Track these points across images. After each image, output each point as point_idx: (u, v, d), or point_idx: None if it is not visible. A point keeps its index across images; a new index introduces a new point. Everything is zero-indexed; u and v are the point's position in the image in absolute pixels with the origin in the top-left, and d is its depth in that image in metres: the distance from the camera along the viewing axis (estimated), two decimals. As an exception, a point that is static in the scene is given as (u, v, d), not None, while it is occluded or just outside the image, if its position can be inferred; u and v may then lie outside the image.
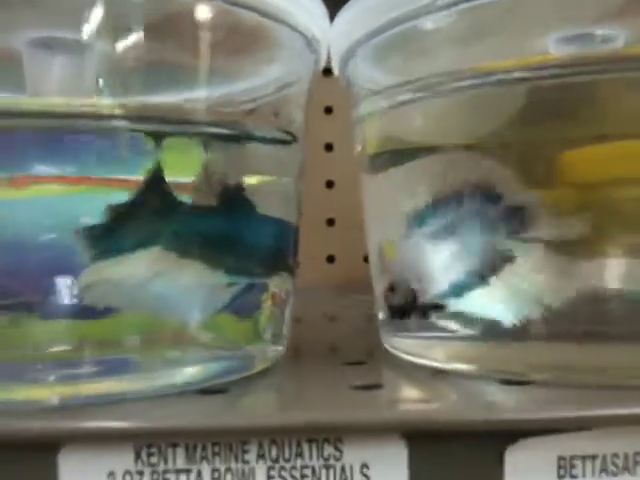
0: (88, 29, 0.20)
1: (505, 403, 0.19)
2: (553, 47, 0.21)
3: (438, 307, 0.22)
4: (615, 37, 0.21)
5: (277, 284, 0.24)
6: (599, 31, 0.21)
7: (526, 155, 0.22)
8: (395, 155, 0.25)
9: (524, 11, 0.22)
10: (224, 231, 0.21)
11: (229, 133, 0.22)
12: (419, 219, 0.23)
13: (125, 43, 0.21)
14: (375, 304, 0.28)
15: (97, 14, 0.20)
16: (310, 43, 0.24)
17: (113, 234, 0.19)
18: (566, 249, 0.21)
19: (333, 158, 0.60)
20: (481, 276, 0.21)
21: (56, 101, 0.21)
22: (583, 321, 0.21)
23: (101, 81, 0.21)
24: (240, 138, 0.23)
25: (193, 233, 0.21)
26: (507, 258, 0.21)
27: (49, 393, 0.19)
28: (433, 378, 0.22)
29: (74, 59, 0.21)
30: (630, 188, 0.20)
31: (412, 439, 0.18)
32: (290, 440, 0.18)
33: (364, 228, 0.29)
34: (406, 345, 0.25)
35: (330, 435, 0.18)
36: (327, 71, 0.57)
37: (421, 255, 0.23)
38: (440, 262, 0.22)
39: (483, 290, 0.21)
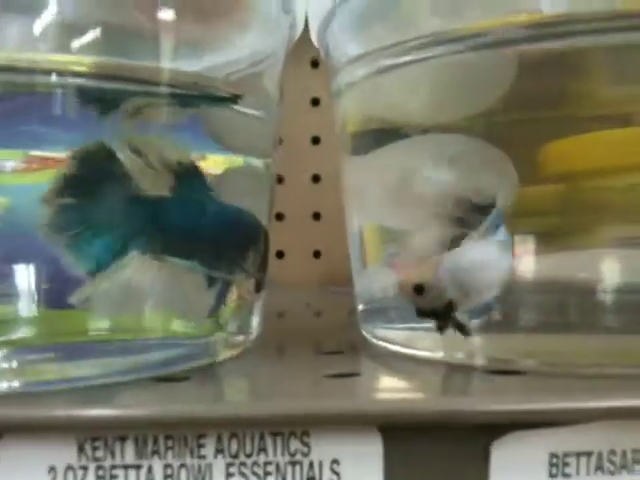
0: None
1: (491, 393, 0.17)
2: (546, 4, 0.20)
3: (468, 332, 0.20)
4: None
5: (241, 280, 0.22)
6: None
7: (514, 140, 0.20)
8: (379, 134, 0.23)
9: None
10: (174, 220, 0.20)
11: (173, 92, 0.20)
12: (494, 221, 0.20)
13: (85, 4, 0.19)
14: (355, 296, 0.26)
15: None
16: (285, 2, 0.22)
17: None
18: (554, 240, 0.19)
19: (320, 151, 0.58)
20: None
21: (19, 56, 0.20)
22: (573, 311, 0.19)
23: (59, 43, 0.19)
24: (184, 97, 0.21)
25: (143, 222, 0.19)
26: None
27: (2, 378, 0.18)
28: (414, 367, 0.20)
29: (31, 20, 0.19)
30: (617, 178, 0.19)
31: (389, 432, 0.16)
32: (252, 433, 0.16)
33: (346, 215, 0.27)
34: (388, 335, 0.23)
35: (297, 428, 0.16)
36: (314, 63, 0.56)
37: (486, 262, 0.20)
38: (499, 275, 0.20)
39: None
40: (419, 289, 0.21)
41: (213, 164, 0.22)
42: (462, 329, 0.20)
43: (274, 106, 0.24)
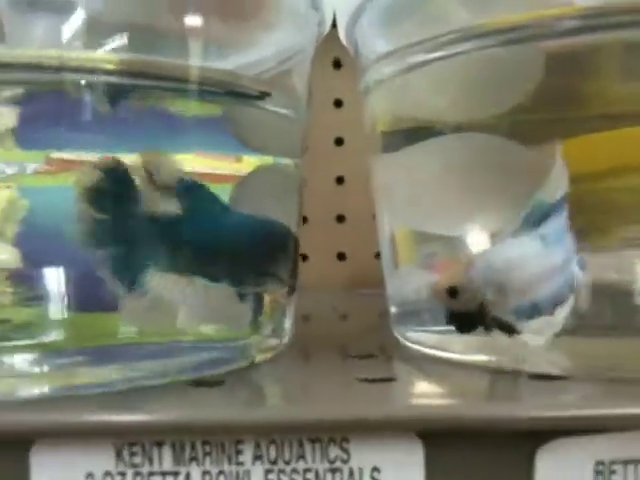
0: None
1: (535, 398, 0.17)
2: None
3: (514, 331, 0.19)
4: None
5: (274, 288, 0.22)
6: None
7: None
8: (410, 132, 0.23)
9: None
10: (189, 238, 0.19)
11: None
12: (533, 216, 0.19)
13: (113, 4, 0.19)
14: (387, 298, 0.26)
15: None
16: (314, 1, 0.22)
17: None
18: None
19: (344, 153, 0.58)
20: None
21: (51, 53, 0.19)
22: (614, 314, 0.19)
23: (86, 42, 0.19)
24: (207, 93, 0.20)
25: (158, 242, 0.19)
26: None
27: (34, 382, 0.18)
28: (451, 371, 0.20)
29: (59, 20, 0.19)
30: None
31: (429, 439, 0.15)
32: (291, 439, 0.16)
33: (376, 222, 0.26)
34: (421, 338, 0.23)
35: (336, 434, 0.16)
36: (337, 64, 0.55)
37: (526, 258, 0.20)
38: (545, 271, 0.19)
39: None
40: (453, 292, 0.20)
41: (244, 165, 0.21)
42: (506, 329, 0.19)
43: (303, 105, 0.24)
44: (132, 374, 0.19)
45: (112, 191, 0.18)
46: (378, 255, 0.58)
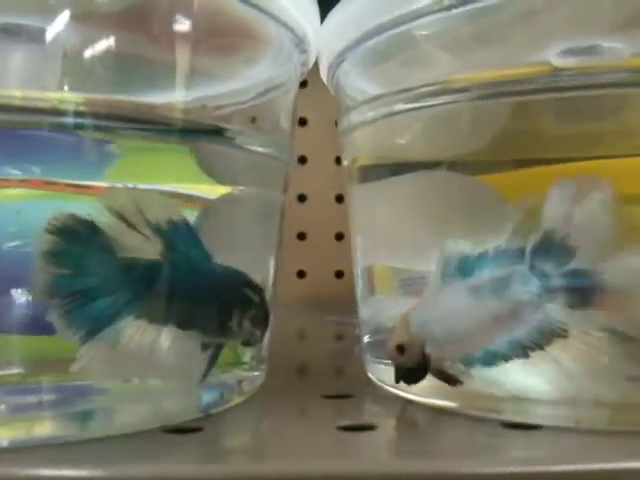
0: (54, 16, 0.18)
1: (514, 453, 0.17)
2: (555, 59, 0.20)
3: (456, 381, 0.20)
4: (620, 52, 0.20)
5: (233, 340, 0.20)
6: (605, 44, 0.20)
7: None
8: (391, 168, 0.23)
9: (526, 20, 0.21)
10: (167, 284, 0.18)
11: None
12: (465, 267, 0.20)
13: (94, 34, 0.19)
14: (359, 327, 0.26)
15: (64, 1, 0.18)
16: (301, 43, 0.21)
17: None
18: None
19: (306, 171, 0.58)
20: (525, 347, 0.19)
21: (15, 93, 0.19)
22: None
23: (66, 75, 0.18)
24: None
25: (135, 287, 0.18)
26: (560, 332, 0.18)
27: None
28: (428, 416, 0.19)
29: (38, 49, 0.18)
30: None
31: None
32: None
33: (351, 245, 0.26)
34: (392, 375, 0.23)
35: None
36: (302, 82, 0.55)
37: (456, 311, 0.20)
38: (479, 323, 0.19)
39: (520, 362, 0.19)
40: (400, 349, 0.20)
41: (214, 191, 0.21)
42: (447, 379, 0.20)
43: (287, 140, 0.24)
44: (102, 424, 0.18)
45: (70, 250, 0.17)
46: (338, 274, 0.59)
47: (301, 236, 0.59)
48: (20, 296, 0.17)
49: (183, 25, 0.19)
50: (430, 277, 0.21)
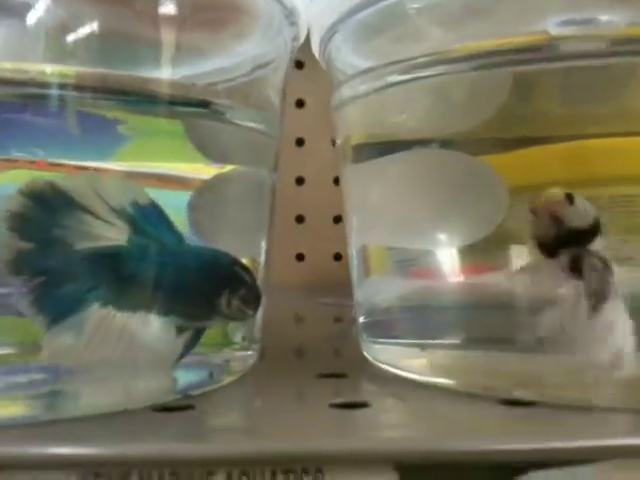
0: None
1: (510, 429, 0.17)
2: (552, 28, 0.19)
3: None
4: (617, 24, 0.19)
5: (218, 324, 0.20)
6: (601, 16, 0.19)
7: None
8: (384, 146, 0.23)
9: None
10: (134, 270, 0.18)
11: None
12: None
13: (79, 9, 0.18)
14: (355, 308, 0.25)
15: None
16: (290, 15, 0.21)
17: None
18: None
19: (304, 153, 0.58)
20: None
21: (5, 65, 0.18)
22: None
23: (50, 50, 0.18)
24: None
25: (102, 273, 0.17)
26: None
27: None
28: (426, 395, 0.19)
29: (21, 24, 0.18)
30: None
31: (406, 472, 0.15)
32: (263, 470, 0.15)
33: (346, 226, 0.26)
34: (388, 352, 0.23)
35: (310, 465, 0.15)
36: (299, 64, 0.55)
37: None
38: None
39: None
40: (571, 198, 0.17)
41: (206, 171, 0.21)
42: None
43: (276, 116, 0.23)
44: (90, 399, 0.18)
45: (39, 219, 0.16)
46: (336, 257, 0.58)
47: (299, 219, 0.59)
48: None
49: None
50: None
